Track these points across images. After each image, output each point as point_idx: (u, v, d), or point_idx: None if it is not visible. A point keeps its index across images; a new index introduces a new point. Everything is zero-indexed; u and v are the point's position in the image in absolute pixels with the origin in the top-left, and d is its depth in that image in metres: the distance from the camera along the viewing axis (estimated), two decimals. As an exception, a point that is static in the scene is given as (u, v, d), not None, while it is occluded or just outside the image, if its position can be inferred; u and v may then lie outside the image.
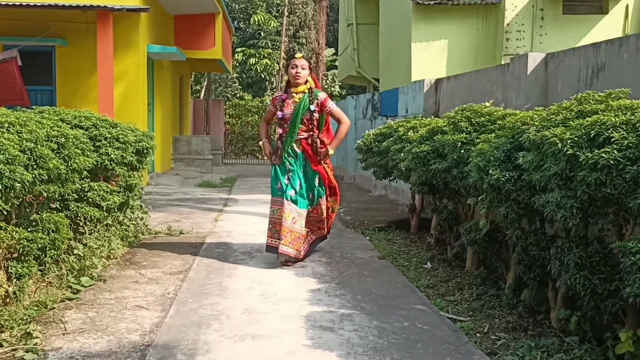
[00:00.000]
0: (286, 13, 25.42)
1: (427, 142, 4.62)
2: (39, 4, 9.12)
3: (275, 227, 4.90)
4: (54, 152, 3.75)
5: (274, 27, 26.65)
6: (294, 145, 4.96)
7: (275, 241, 4.88)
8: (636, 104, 2.56)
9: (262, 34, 27.46)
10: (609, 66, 4.02)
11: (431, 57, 9.83)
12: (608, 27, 9.76)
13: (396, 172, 6.02)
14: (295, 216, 4.89)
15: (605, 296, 2.68)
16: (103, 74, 8.80)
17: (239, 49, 26.84)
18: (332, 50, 28.14)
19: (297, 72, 4.91)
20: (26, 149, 3.18)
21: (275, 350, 3.04)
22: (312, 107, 4.89)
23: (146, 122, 10.79)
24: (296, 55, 5.02)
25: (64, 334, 3.25)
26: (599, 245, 2.83)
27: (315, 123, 4.95)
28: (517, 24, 9.42)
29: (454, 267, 4.92)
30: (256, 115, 22.05)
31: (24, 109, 4.51)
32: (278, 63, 25.96)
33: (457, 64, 9.53)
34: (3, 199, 2.65)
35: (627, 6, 10.13)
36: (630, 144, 2.33)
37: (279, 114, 5.02)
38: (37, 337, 3.12)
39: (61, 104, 10.29)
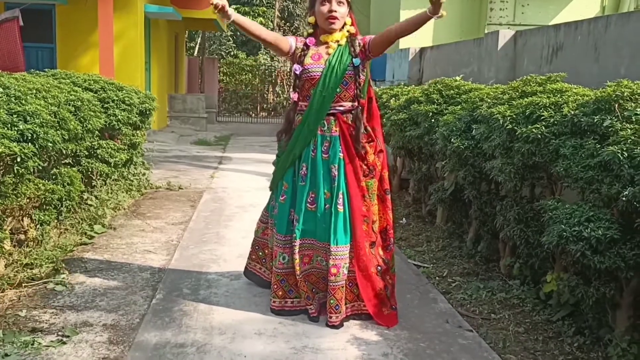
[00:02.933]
0: (281, -30, 25.40)
1: (405, 111, 5.14)
2: (40, -36, 9.38)
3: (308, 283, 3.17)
4: (72, 114, 4.24)
5: (268, -16, 26.57)
6: (325, 123, 3.09)
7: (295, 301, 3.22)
8: (565, 87, 3.09)
9: (257, -8, 27.37)
10: (566, 46, 4.51)
11: (419, 24, 10.16)
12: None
13: (379, 135, 6.55)
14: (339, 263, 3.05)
15: (536, 245, 3.27)
16: (103, 35, 9.14)
17: (233, 7, 26.75)
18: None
19: (331, 11, 3.01)
20: (51, 112, 3.67)
21: (265, 287, 3.62)
22: (357, 61, 3.05)
23: (143, 81, 11.18)
24: None
25: (85, 272, 3.82)
26: (534, 204, 3.40)
27: (360, 88, 3.11)
28: (501, -6, 9.83)
29: (426, 222, 5.51)
30: (250, 74, 22.34)
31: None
32: (272, 21, 26.01)
33: (444, 32, 9.94)
34: (38, 156, 3.17)
35: (606, -21, 10.53)
36: (556, 122, 2.86)
37: (298, 67, 3.11)
38: (63, 274, 3.70)
39: (61, 60, 10.68)
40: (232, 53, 26.24)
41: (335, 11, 3.03)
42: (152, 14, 11.70)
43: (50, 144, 3.24)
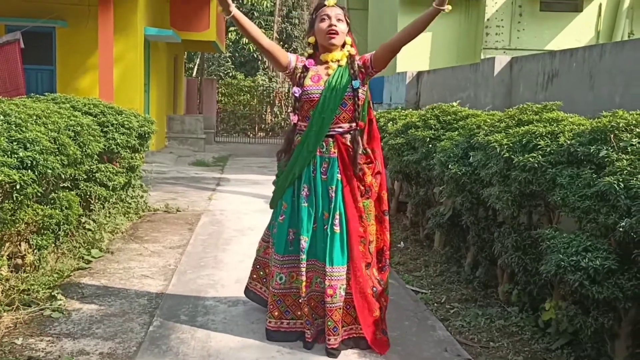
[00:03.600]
0: (279, -7, 25.70)
1: (402, 135, 5.17)
2: (41, -13, 9.48)
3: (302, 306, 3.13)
4: (71, 139, 4.26)
5: (267, 7, 26.86)
6: (324, 145, 3.11)
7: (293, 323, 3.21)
8: (561, 116, 3.12)
9: (256, 14, 27.67)
10: (561, 74, 4.56)
11: (416, 48, 10.34)
12: (582, 24, 10.32)
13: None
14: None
15: (534, 272, 3.27)
16: (103, 57, 9.21)
17: (232, 28, 27.07)
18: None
19: (331, 27, 3.04)
20: (51, 139, 3.69)
21: (264, 313, 3.60)
22: (357, 84, 3.07)
23: (142, 102, 11.24)
24: (327, 3, 3.12)
25: (82, 298, 3.81)
26: (532, 232, 3.41)
27: (359, 110, 3.11)
28: (496, 19, 9.97)
29: (424, 246, 5.51)
30: (248, 95, 22.49)
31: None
32: (271, 43, 26.19)
33: (440, 56, 10.06)
34: (37, 183, 3.17)
35: (600, 5, 10.70)
36: (552, 151, 2.89)
37: (297, 90, 3.12)
38: (60, 300, 3.67)
39: (61, 82, 10.75)
40: (230, 74, 26.44)
41: (335, 26, 3.06)
42: (151, 36, 11.81)
43: (50, 170, 3.25)
